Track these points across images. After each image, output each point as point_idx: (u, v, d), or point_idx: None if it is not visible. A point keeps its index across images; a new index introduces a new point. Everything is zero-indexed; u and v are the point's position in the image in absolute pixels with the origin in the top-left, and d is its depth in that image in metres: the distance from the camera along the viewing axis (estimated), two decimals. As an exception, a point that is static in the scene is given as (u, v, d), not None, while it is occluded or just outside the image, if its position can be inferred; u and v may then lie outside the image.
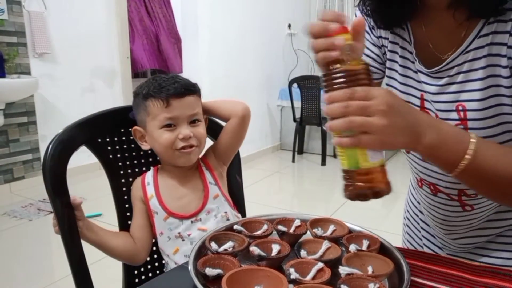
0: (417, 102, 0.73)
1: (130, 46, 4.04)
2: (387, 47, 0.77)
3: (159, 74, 0.92)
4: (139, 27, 4.33)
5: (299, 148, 4.51)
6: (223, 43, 3.75)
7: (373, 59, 0.80)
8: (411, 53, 0.74)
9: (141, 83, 0.93)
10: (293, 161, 4.29)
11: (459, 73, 0.66)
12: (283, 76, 4.72)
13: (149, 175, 0.94)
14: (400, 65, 0.76)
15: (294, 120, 4.25)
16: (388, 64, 0.78)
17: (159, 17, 4.55)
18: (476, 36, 0.64)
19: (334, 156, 4.40)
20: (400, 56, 0.76)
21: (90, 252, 0.84)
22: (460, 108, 0.67)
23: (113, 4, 3.67)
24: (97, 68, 3.63)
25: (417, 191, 0.87)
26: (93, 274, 0.83)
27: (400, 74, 0.76)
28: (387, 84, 0.80)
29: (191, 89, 0.90)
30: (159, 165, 0.97)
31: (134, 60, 4.19)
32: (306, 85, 4.01)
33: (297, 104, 4.15)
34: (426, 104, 0.72)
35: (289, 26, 4.77)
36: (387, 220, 2.69)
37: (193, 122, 0.89)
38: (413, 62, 0.74)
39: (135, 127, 0.92)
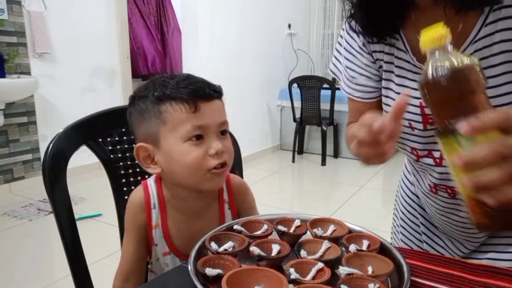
0: (417, 110, 0.73)
1: (142, 46, 4.09)
2: (382, 59, 0.77)
3: (172, 73, 0.75)
4: (144, 28, 4.35)
5: (299, 148, 4.51)
6: (223, 43, 3.75)
7: (369, 78, 0.80)
8: (407, 62, 0.73)
9: (142, 85, 0.73)
10: (293, 161, 4.28)
11: None
12: (283, 76, 4.72)
13: (154, 194, 0.76)
14: (396, 75, 0.76)
15: (294, 120, 4.25)
16: (385, 75, 0.78)
17: (160, 17, 4.56)
18: (482, 24, 0.63)
19: (334, 156, 4.40)
20: (396, 66, 0.75)
21: (90, 252, 0.84)
22: None
23: (113, 4, 3.66)
24: (97, 68, 3.63)
25: (429, 199, 0.84)
26: (93, 274, 0.83)
27: (397, 84, 0.76)
28: (384, 96, 0.79)
29: (219, 91, 0.72)
30: (161, 179, 0.78)
31: (146, 61, 4.24)
32: (306, 85, 4.00)
33: (297, 104, 4.15)
34: (427, 111, 0.72)
35: (289, 26, 4.77)
36: (387, 220, 2.68)
37: (221, 133, 0.71)
38: (409, 71, 0.74)
39: (140, 144, 0.71)
